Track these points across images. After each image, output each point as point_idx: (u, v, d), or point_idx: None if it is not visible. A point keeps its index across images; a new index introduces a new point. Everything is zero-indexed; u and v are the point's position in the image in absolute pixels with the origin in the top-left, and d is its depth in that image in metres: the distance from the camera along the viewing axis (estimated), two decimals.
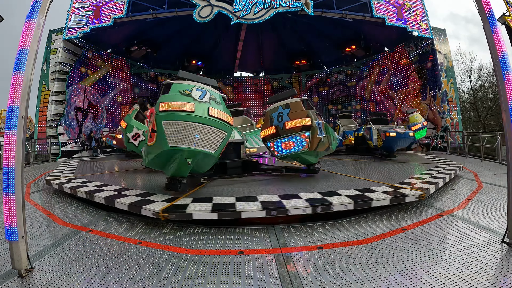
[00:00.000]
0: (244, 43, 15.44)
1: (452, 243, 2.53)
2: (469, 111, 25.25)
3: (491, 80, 23.32)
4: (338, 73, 17.10)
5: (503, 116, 2.40)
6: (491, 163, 7.65)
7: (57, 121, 11.02)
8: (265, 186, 4.40)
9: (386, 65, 14.58)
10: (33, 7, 2.25)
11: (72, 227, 3.15)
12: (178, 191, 3.75)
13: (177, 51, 15.98)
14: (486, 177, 5.42)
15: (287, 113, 4.66)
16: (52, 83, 11.09)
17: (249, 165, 5.68)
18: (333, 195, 3.50)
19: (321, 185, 4.29)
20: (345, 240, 2.69)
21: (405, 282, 1.92)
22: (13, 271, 2.11)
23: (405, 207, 3.59)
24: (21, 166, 2.14)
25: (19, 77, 2.14)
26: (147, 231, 3.01)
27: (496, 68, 2.44)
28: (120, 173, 6.28)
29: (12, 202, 2.09)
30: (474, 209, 3.46)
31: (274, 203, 3.24)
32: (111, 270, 2.18)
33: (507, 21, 10.06)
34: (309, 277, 2.03)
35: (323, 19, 11.67)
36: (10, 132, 2.10)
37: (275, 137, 4.82)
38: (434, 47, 11.69)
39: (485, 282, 1.89)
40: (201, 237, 2.83)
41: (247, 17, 10.70)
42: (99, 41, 12.85)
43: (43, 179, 6.07)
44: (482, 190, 4.39)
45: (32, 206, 3.99)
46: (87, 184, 4.59)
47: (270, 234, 2.86)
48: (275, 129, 4.77)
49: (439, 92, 11.58)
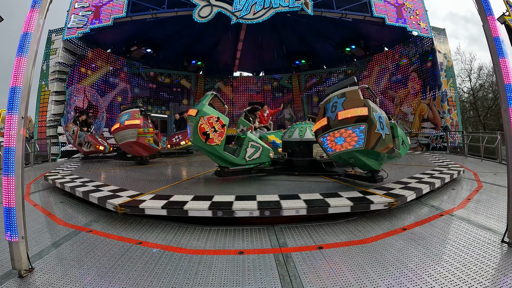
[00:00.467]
0: (244, 43, 15.43)
1: (452, 243, 2.53)
2: (469, 110, 25.26)
3: (491, 80, 23.32)
4: (338, 73, 17.08)
5: (503, 115, 2.40)
6: (491, 163, 7.66)
7: (57, 121, 11.01)
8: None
9: (386, 65, 14.58)
10: (32, 7, 2.25)
11: (72, 227, 3.15)
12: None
13: (177, 51, 15.97)
14: (486, 177, 5.42)
15: (342, 102, 3.84)
16: (52, 83, 11.08)
17: (317, 165, 5.36)
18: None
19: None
20: (345, 240, 2.69)
21: (405, 282, 1.93)
22: (13, 272, 2.11)
23: (405, 207, 3.59)
24: (21, 166, 2.14)
25: (21, 60, 2.15)
26: (147, 231, 3.02)
27: (496, 67, 2.44)
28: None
29: (12, 202, 2.09)
30: (474, 209, 3.46)
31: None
32: (111, 270, 2.18)
33: (507, 21, 10.06)
34: (309, 277, 2.03)
35: (323, 19, 11.66)
36: (12, 112, 2.11)
37: (326, 130, 3.95)
38: (434, 46, 11.68)
39: (485, 281, 1.89)
40: (201, 237, 2.83)
41: (246, 17, 10.68)
42: (99, 41, 12.84)
43: (43, 180, 6.07)
44: (482, 190, 4.39)
45: (32, 206, 3.99)
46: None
47: (270, 234, 2.86)
48: (327, 121, 3.95)
49: (439, 92, 11.58)
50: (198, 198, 3.52)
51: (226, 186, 4.50)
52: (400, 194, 3.50)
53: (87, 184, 4.62)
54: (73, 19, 11.14)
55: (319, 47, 16.29)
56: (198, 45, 15.84)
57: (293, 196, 3.50)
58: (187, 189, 4.32)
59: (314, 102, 17.54)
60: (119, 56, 14.37)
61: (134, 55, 14.43)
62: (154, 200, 3.51)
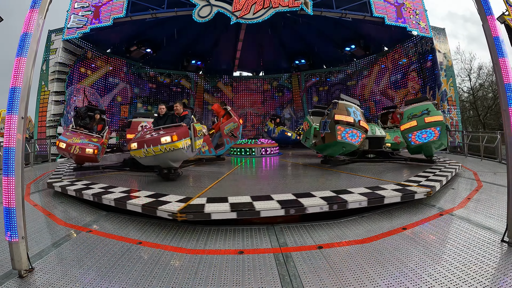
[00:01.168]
0: (244, 42, 15.43)
1: (452, 242, 2.53)
2: (469, 110, 25.25)
3: (490, 79, 23.32)
4: (337, 73, 17.09)
5: (502, 115, 2.40)
6: (491, 162, 7.66)
7: (56, 121, 11.02)
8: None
9: (385, 65, 14.58)
10: (32, 7, 2.25)
11: (72, 227, 3.16)
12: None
13: (176, 51, 15.97)
14: (485, 176, 5.42)
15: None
16: (52, 83, 11.09)
17: (384, 154, 7.29)
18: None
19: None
20: (345, 239, 2.69)
21: (405, 281, 1.93)
22: (13, 272, 2.11)
23: (405, 207, 3.59)
24: (21, 167, 2.14)
25: (21, 60, 2.16)
26: (147, 231, 3.01)
27: (496, 67, 2.44)
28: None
29: (12, 202, 2.09)
30: (474, 208, 3.46)
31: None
32: (111, 270, 2.18)
33: (507, 21, 10.05)
34: (309, 276, 2.03)
35: (323, 18, 11.66)
36: (12, 112, 2.12)
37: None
38: (434, 46, 11.69)
39: (485, 281, 1.89)
40: (201, 237, 2.83)
41: (246, 16, 10.68)
42: (99, 41, 12.84)
43: (43, 180, 6.07)
44: (482, 189, 4.39)
45: (32, 206, 3.99)
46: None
47: (270, 234, 2.86)
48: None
49: (438, 91, 11.58)
50: (257, 199, 3.37)
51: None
52: (431, 185, 3.90)
53: (113, 191, 4.01)
54: (73, 19, 11.14)
55: (319, 47, 16.29)
56: (198, 45, 15.85)
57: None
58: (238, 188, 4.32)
59: (314, 101, 17.55)
60: (118, 56, 14.37)
61: (134, 55, 14.44)
62: (215, 203, 3.23)
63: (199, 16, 10.57)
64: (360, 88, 16.06)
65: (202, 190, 4.10)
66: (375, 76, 15.22)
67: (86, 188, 4.30)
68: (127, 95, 15.04)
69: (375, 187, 3.88)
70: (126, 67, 14.95)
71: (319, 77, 17.59)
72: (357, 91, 16.19)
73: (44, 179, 6.10)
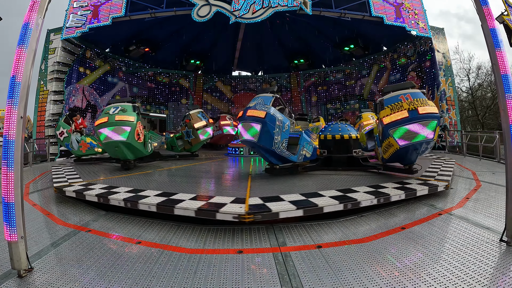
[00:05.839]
0: (243, 42, 15.43)
1: (450, 242, 2.54)
2: (468, 110, 25.29)
3: (489, 79, 23.36)
4: (336, 72, 17.09)
5: (501, 115, 2.41)
6: (490, 162, 7.68)
7: (55, 120, 10.97)
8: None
9: (384, 64, 14.59)
10: (31, 7, 2.24)
11: (71, 227, 3.15)
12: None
13: (175, 50, 15.96)
14: (484, 176, 5.43)
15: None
16: (51, 83, 11.04)
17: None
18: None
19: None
20: (344, 239, 2.70)
21: (404, 280, 1.93)
22: (13, 271, 2.11)
23: (404, 206, 3.60)
24: (20, 166, 2.13)
25: (22, 51, 2.16)
26: (146, 231, 3.01)
27: (495, 67, 2.45)
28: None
29: (11, 202, 2.08)
30: (473, 208, 3.47)
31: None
32: (110, 269, 2.18)
33: (506, 21, 10.07)
34: (308, 276, 2.04)
35: (322, 18, 11.66)
36: (12, 101, 2.12)
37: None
38: (433, 46, 11.70)
39: (483, 280, 1.90)
40: (200, 237, 2.83)
41: (245, 16, 10.67)
42: (98, 40, 12.81)
43: (42, 179, 6.06)
44: (481, 189, 4.40)
45: (31, 206, 3.98)
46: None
47: (269, 233, 2.87)
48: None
49: (437, 91, 11.60)
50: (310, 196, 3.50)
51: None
52: (445, 179, 4.16)
53: (144, 195, 3.69)
54: (72, 18, 11.10)
55: (317, 47, 16.29)
56: (197, 44, 15.82)
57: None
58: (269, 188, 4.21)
59: (312, 101, 17.56)
60: (117, 55, 14.34)
61: (132, 55, 14.41)
62: (273, 202, 3.22)
63: (198, 16, 10.55)
64: (359, 88, 16.08)
65: (244, 189, 4.10)
66: (374, 76, 15.24)
67: (112, 193, 3.82)
68: (126, 94, 15.01)
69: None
70: (125, 67, 14.92)
71: (318, 76, 17.59)
72: (356, 91, 16.21)
73: (42, 179, 6.09)
